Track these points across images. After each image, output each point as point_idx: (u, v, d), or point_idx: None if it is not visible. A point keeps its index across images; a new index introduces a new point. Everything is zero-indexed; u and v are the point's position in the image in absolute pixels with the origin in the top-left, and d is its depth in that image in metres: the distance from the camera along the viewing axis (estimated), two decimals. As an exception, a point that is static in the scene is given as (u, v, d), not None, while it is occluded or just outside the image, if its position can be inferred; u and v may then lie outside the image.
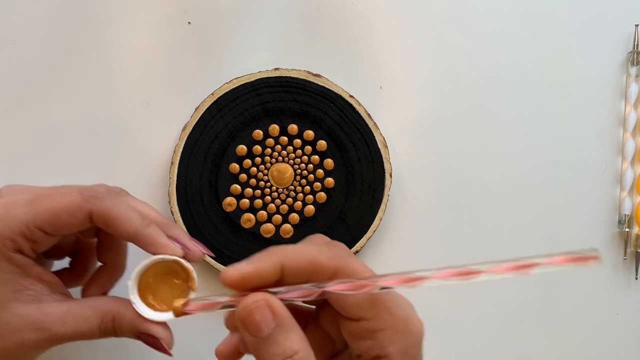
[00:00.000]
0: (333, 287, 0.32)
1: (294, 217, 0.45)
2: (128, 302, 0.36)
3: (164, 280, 0.37)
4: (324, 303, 0.35)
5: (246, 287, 0.32)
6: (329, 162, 0.46)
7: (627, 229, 0.48)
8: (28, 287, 0.36)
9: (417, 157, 0.48)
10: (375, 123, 0.46)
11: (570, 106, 0.49)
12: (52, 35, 0.46)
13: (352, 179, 0.46)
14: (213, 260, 0.45)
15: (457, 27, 0.48)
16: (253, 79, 0.45)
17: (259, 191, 0.45)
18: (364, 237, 0.46)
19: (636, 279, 0.49)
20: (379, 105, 0.47)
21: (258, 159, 0.46)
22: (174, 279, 0.37)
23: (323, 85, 0.46)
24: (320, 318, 0.36)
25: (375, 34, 0.48)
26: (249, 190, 0.45)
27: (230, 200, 0.45)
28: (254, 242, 0.45)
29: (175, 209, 0.45)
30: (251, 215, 0.45)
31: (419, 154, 0.48)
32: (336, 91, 0.46)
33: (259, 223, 0.45)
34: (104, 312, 0.36)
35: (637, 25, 0.49)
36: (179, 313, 0.35)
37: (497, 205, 0.48)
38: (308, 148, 0.46)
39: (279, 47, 0.47)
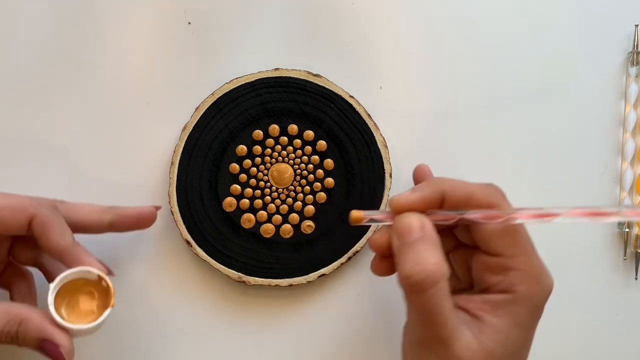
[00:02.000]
0: (471, 215, 0.36)
1: (294, 217, 0.45)
2: (38, 310, 0.37)
3: (78, 296, 0.39)
4: (457, 244, 0.40)
5: (410, 210, 0.37)
6: (329, 163, 0.46)
7: (627, 229, 0.48)
8: None
9: (417, 157, 0.48)
10: (375, 123, 0.46)
11: (570, 106, 0.49)
12: (52, 36, 0.46)
13: (352, 179, 0.46)
14: (213, 260, 0.45)
15: (457, 27, 0.48)
16: (253, 79, 0.45)
17: (259, 191, 0.45)
18: (364, 237, 0.46)
19: (636, 279, 0.49)
20: (379, 105, 0.47)
21: (258, 159, 0.46)
22: (89, 296, 0.39)
23: (323, 85, 0.46)
24: (451, 257, 0.40)
25: (375, 34, 0.48)
26: (248, 191, 0.45)
27: (230, 200, 0.45)
28: (254, 242, 0.45)
29: (175, 209, 0.45)
30: (251, 216, 0.45)
31: (419, 154, 0.48)
32: (336, 91, 0.46)
33: (259, 223, 0.45)
34: (12, 314, 0.36)
35: (637, 25, 0.49)
36: (357, 221, 0.37)
37: (497, 205, 0.48)
38: (308, 148, 0.46)
39: (279, 47, 0.47)
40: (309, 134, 0.46)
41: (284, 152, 0.46)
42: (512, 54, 0.49)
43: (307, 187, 0.46)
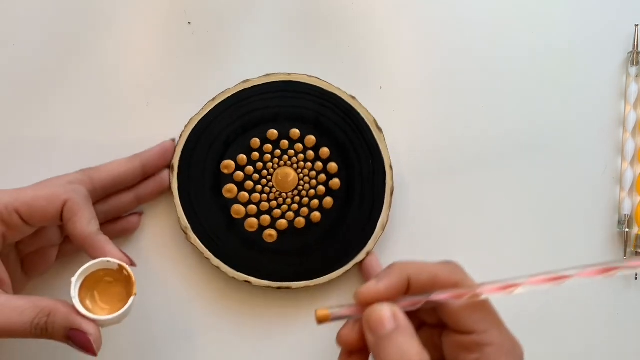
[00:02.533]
0: (438, 296, 0.35)
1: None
2: (64, 302, 0.37)
3: (100, 287, 0.39)
4: (420, 324, 0.38)
5: (377, 301, 0.35)
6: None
7: (627, 229, 0.48)
8: None
9: (417, 157, 0.48)
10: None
11: (570, 106, 0.49)
12: (52, 36, 0.46)
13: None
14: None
15: (457, 26, 0.48)
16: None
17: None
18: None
19: (636, 279, 0.49)
20: (379, 106, 0.47)
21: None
22: (110, 286, 0.39)
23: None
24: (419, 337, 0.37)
25: (375, 34, 0.48)
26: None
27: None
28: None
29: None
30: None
31: (420, 154, 0.48)
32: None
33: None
34: (41, 307, 0.37)
35: (637, 26, 0.49)
36: (324, 320, 0.36)
37: (498, 205, 0.48)
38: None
39: (278, 47, 0.47)
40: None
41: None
42: (512, 54, 0.49)
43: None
